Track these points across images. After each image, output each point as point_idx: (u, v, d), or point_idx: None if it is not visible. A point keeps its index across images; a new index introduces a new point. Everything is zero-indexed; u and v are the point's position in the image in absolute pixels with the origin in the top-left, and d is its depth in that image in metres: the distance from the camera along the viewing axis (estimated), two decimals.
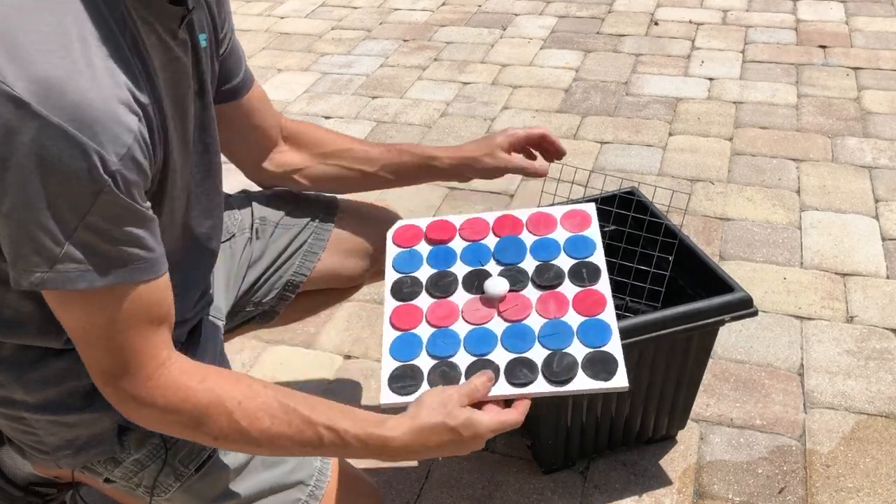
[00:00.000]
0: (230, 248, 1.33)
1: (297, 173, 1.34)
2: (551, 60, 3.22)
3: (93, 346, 0.87)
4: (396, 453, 0.98)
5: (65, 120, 0.74)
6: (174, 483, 1.06)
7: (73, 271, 0.80)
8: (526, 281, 1.19)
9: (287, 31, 3.61)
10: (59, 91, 0.75)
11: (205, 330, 1.17)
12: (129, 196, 0.80)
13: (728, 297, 1.31)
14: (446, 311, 1.17)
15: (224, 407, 0.91)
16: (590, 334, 1.12)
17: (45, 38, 0.76)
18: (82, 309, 0.84)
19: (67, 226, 0.78)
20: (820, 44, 3.25)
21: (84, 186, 0.77)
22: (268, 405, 0.93)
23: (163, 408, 0.90)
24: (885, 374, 1.71)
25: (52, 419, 1.00)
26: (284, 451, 0.97)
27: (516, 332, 1.13)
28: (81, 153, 0.75)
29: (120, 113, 0.78)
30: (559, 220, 1.27)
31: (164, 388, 0.90)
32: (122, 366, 0.88)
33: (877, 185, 2.35)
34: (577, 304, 1.16)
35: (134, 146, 0.79)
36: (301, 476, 1.11)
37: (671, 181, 2.40)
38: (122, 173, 0.78)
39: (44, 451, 1.04)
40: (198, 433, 0.93)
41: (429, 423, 0.97)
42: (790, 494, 1.46)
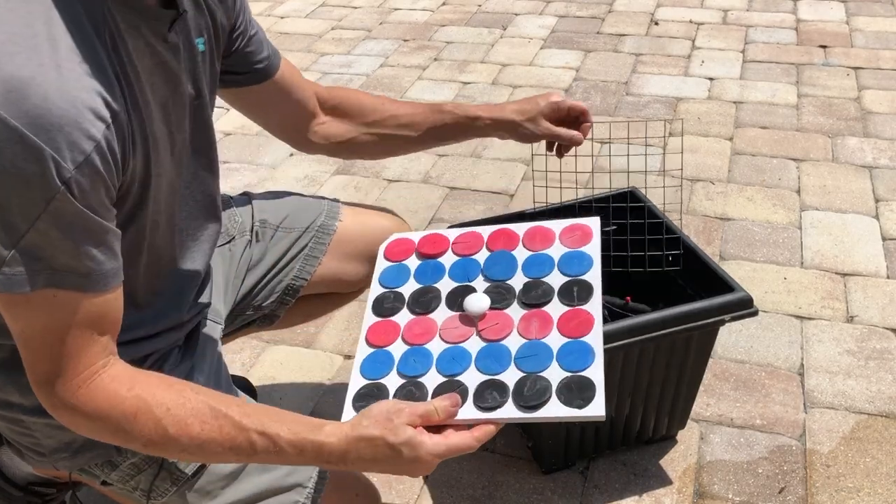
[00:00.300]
0: (230, 251, 1.33)
1: (344, 145, 1.34)
2: (551, 60, 3.22)
3: (31, 349, 0.86)
4: (332, 460, 0.93)
5: (22, 123, 0.73)
6: (170, 487, 1.06)
7: (19, 275, 0.79)
8: (511, 299, 1.14)
9: (287, 31, 3.61)
10: (20, 93, 0.73)
11: (203, 333, 1.16)
12: (84, 205, 0.78)
13: (728, 297, 1.31)
14: (423, 329, 1.13)
15: (152, 413, 0.88)
16: (570, 358, 1.04)
17: (11, 39, 0.75)
18: (24, 312, 0.83)
19: (17, 230, 0.77)
20: (820, 44, 3.25)
21: (35, 191, 0.75)
22: (198, 410, 0.90)
23: (90, 415, 0.88)
24: (885, 374, 1.71)
25: (49, 422, 0.99)
26: (216, 457, 0.93)
27: (492, 352, 1.07)
28: (35, 158, 0.74)
29: (82, 119, 0.76)
30: (558, 234, 1.22)
31: (92, 395, 0.87)
32: (56, 371, 0.86)
33: (877, 185, 2.34)
34: (561, 324, 1.09)
35: (94, 154, 0.77)
36: (299, 479, 1.11)
37: (671, 181, 2.40)
38: (77, 181, 0.76)
39: (41, 454, 1.04)
40: (126, 440, 0.91)
41: (367, 434, 0.91)
42: (790, 494, 1.46)
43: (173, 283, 1.07)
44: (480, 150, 2.62)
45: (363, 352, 1.12)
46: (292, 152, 2.62)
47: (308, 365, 1.80)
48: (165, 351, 1.07)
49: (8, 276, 0.79)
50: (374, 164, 2.56)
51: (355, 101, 1.35)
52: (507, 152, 2.59)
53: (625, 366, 1.35)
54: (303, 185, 2.46)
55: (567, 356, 1.04)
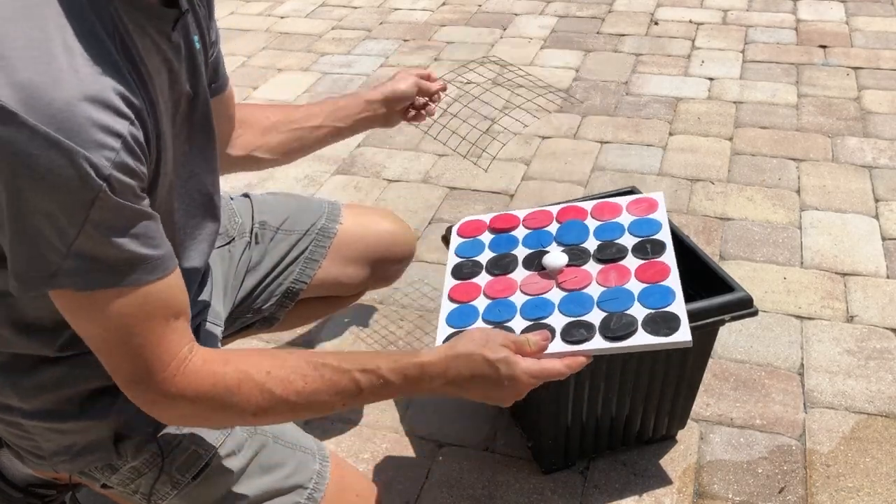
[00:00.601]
0: (229, 252, 1.32)
1: (256, 150, 1.34)
2: (551, 60, 3.22)
3: (113, 352, 0.86)
4: (435, 381, 0.96)
5: (52, 128, 0.73)
6: (171, 490, 1.06)
7: (80, 278, 0.80)
8: (587, 258, 1.22)
9: (287, 31, 3.61)
10: (45, 99, 0.74)
11: (203, 336, 1.16)
12: (125, 198, 0.79)
13: (728, 297, 1.31)
14: (504, 286, 1.20)
15: (254, 381, 0.91)
16: (652, 298, 1.12)
17: (28, 46, 0.75)
18: (96, 315, 0.83)
19: (67, 234, 0.78)
20: (820, 44, 3.25)
21: (78, 194, 0.76)
22: (297, 367, 0.93)
23: (194, 398, 0.89)
24: (885, 374, 1.71)
25: (48, 426, 1.00)
26: (324, 407, 0.95)
27: (574, 299, 1.14)
28: (70, 161, 0.74)
29: (107, 118, 0.77)
30: (625, 207, 1.31)
31: (190, 380, 0.89)
32: (146, 367, 0.87)
33: (877, 185, 2.35)
34: (639, 273, 1.17)
35: (123, 150, 0.78)
36: (299, 479, 1.11)
37: (671, 181, 2.40)
38: (115, 177, 0.77)
39: (40, 457, 1.04)
40: (234, 414, 0.92)
41: (465, 351, 0.96)
42: (790, 494, 1.46)
43: None
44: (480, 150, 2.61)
45: (447, 308, 1.19)
46: None
47: None
48: None
49: (68, 279, 0.80)
50: (375, 163, 2.56)
51: (254, 112, 1.36)
52: (507, 152, 2.59)
53: (625, 365, 1.35)
54: (303, 185, 2.46)
55: (648, 297, 1.12)
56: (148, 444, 1.02)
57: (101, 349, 0.87)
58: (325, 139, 1.40)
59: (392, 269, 1.49)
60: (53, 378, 0.97)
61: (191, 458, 1.05)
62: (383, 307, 1.95)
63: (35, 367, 0.97)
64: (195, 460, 1.05)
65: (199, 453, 1.05)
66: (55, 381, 0.97)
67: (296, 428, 1.17)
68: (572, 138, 2.66)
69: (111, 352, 0.86)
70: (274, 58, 3.36)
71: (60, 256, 0.78)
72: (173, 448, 1.03)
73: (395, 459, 1.56)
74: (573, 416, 1.40)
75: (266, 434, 1.12)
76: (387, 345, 1.84)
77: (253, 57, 3.37)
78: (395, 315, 1.93)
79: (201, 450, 1.05)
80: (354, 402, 0.97)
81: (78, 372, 0.98)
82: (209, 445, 1.05)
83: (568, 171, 2.47)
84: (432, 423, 1.63)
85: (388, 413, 1.66)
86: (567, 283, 1.17)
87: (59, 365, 0.97)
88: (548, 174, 2.47)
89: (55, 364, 0.97)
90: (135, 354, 0.86)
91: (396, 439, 1.60)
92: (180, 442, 1.04)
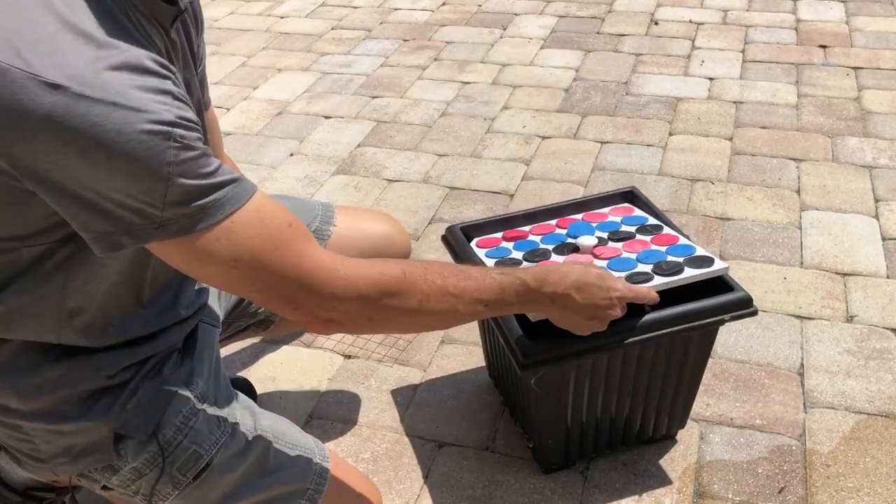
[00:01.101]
0: None
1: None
2: (551, 60, 3.22)
3: (257, 280, 0.87)
4: (559, 285, 1.10)
5: (110, 95, 0.75)
6: (172, 491, 1.05)
7: (185, 222, 0.81)
8: (605, 242, 1.42)
9: (287, 31, 3.61)
10: (91, 72, 0.76)
11: (200, 337, 1.16)
12: (194, 143, 0.81)
13: (728, 297, 1.31)
14: (546, 263, 1.38)
15: (417, 270, 0.97)
16: (677, 251, 1.36)
17: (64, 29, 0.77)
18: (228, 249, 0.85)
19: (156, 189, 0.79)
20: (820, 43, 3.25)
21: (154, 147, 0.77)
22: (447, 266, 1.03)
23: (365, 290, 0.92)
24: (885, 374, 1.71)
25: (48, 427, 0.99)
26: (476, 304, 1.02)
27: (617, 262, 1.34)
28: (136, 119, 0.76)
29: (153, 81, 0.79)
30: (608, 212, 1.53)
31: (357, 272, 0.92)
32: (300, 275, 0.89)
33: (877, 185, 2.34)
34: (655, 242, 1.40)
35: (176, 104, 0.81)
36: (300, 480, 1.11)
37: (671, 181, 2.40)
38: (178, 123, 0.79)
39: (39, 459, 1.03)
40: (404, 299, 0.95)
41: (569, 262, 1.18)
42: (790, 494, 1.46)
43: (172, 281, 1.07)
44: (480, 150, 2.62)
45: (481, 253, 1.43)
46: (292, 151, 2.63)
47: (308, 365, 1.80)
48: (164, 354, 1.06)
49: (176, 226, 0.81)
50: (375, 163, 2.56)
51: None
52: (507, 152, 2.59)
53: (625, 365, 1.35)
54: (303, 184, 2.46)
55: (675, 251, 1.37)
56: (148, 445, 1.02)
57: (244, 283, 0.88)
58: None
59: None
60: (53, 378, 0.97)
61: (192, 458, 1.05)
62: None
63: (34, 368, 0.96)
64: (196, 460, 1.05)
65: (199, 453, 1.05)
66: (54, 381, 0.97)
67: (296, 429, 1.17)
68: (572, 138, 2.66)
69: (255, 280, 0.87)
70: (274, 58, 3.36)
71: (159, 210, 0.80)
72: (174, 448, 1.03)
73: (395, 459, 1.56)
74: (573, 416, 1.40)
75: (267, 435, 1.12)
76: (383, 342, 1.84)
77: (253, 57, 3.37)
78: None
79: (202, 450, 1.05)
80: (496, 302, 1.05)
81: (77, 373, 0.98)
82: (210, 445, 1.05)
83: (568, 171, 2.47)
84: (432, 423, 1.63)
85: (388, 413, 1.66)
86: (604, 255, 1.36)
87: (59, 365, 0.97)
88: (548, 174, 2.47)
89: (56, 364, 0.97)
90: (283, 268, 0.87)
91: (396, 439, 1.60)
92: (181, 442, 1.04)
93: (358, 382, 1.75)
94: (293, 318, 0.92)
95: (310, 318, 0.93)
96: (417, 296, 0.96)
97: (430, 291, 0.97)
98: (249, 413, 1.13)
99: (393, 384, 1.74)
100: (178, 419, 1.04)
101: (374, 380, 1.75)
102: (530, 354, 1.23)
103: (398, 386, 1.73)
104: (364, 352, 1.83)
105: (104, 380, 0.99)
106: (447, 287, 0.99)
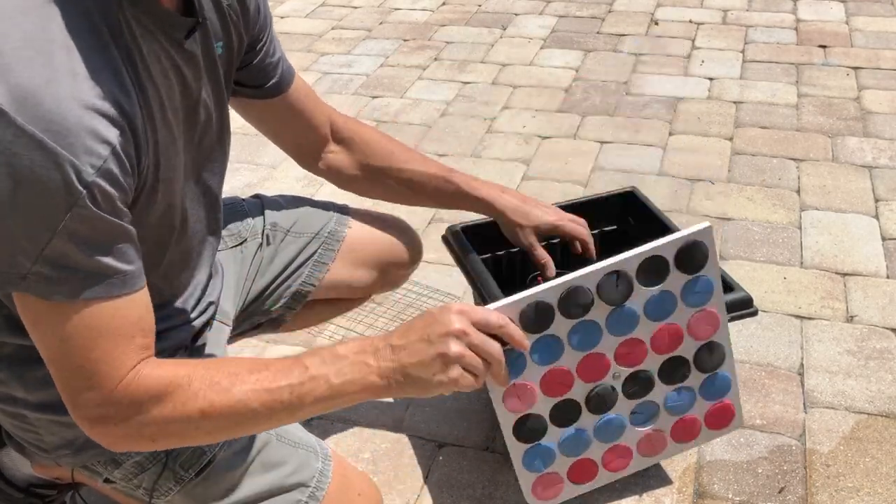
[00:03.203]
0: (241, 254, 1.33)
1: (346, 181, 1.36)
2: (551, 60, 3.22)
3: (65, 364, 0.83)
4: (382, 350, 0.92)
5: (40, 129, 0.72)
6: (174, 486, 1.06)
7: (45, 284, 0.78)
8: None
9: (287, 31, 3.61)
10: (35, 99, 0.72)
11: (210, 335, 1.16)
12: (105, 210, 0.77)
13: (728, 297, 1.31)
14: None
15: (203, 378, 0.87)
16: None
17: (26, 45, 0.74)
18: (55, 325, 0.81)
19: (40, 238, 0.76)
20: (820, 43, 3.25)
21: (57, 198, 0.74)
22: (244, 362, 0.92)
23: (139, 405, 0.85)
24: (885, 374, 1.71)
25: (53, 419, 1.00)
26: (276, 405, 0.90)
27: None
28: (55, 164, 0.73)
29: (98, 124, 0.75)
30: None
31: (138, 384, 0.85)
32: (96, 382, 0.83)
33: (877, 185, 2.35)
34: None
35: (111, 159, 0.76)
36: (301, 478, 1.11)
37: (671, 181, 2.41)
38: (98, 185, 0.75)
39: (44, 450, 1.04)
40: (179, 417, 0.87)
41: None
42: (790, 494, 1.46)
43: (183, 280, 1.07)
44: (480, 150, 2.62)
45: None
46: None
47: None
48: (172, 351, 1.07)
49: (33, 285, 0.78)
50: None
51: (368, 141, 1.34)
52: (507, 152, 2.59)
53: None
54: (303, 185, 2.46)
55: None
56: None
57: (54, 359, 0.83)
58: (422, 203, 1.41)
59: (399, 273, 1.49)
60: None
61: (194, 454, 1.05)
62: (382, 307, 1.95)
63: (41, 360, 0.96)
64: (199, 457, 1.05)
65: (202, 450, 1.05)
66: None
67: (298, 427, 1.17)
68: (572, 138, 2.66)
69: (63, 364, 0.83)
70: None
71: (30, 261, 0.76)
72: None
73: (395, 459, 1.56)
74: None
75: (269, 432, 1.12)
76: None
77: None
78: (395, 315, 1.93)
79: (205, 446, 1.05)
80: (308, 391, 0.91)
81: None
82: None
83: (568, 171, 2.47)
84: (432, 423, 1.63)
85: (388, 413, 1.66)
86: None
87: None
88: (548, 174, 2.47)
89: None
90: (87, 367, 0.82)
91: (396, 439, 1.60)
92: None
93: None
94: (74, 417, 0.86)
95: (87, 424, 0.87)
96: (196, 407, 0.86)
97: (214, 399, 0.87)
98: None
99: None
100: None
101: None
102: None
103: None
104: None
105: None
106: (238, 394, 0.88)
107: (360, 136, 1.34)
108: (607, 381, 1.18)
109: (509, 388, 1.12)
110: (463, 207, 1.38)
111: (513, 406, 1.14)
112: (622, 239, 1.55)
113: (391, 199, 1.40)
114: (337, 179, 1.36)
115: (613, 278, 1.09)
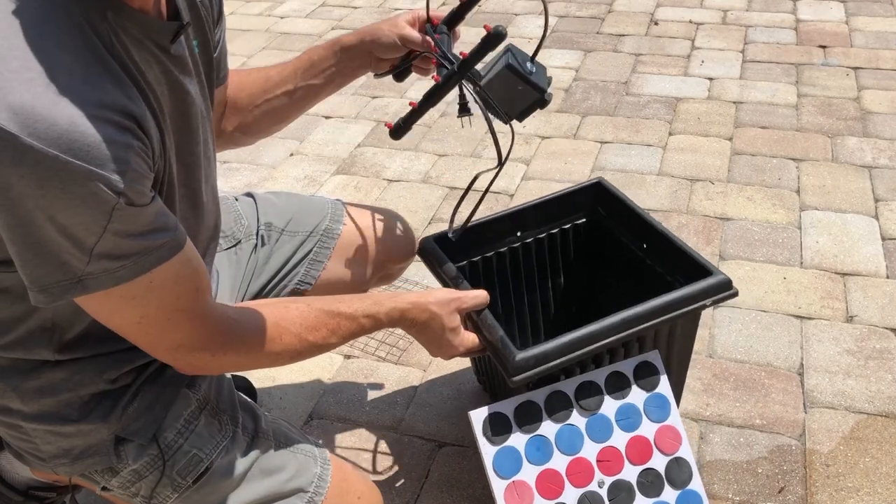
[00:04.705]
0: (236, 255, 1.33)
1: (237, 131, 1.32)
2: (551, 60, 3.22)
3: (151, 331, 0.91)
4: (406, 322, 1.17)
5: (61, 151, 0.73)
6: (172, 494, 1.05)
7: (107, 278, 0.82)
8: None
9: (287, 31, 3.61)
10: (47, 121, 0.72)
11: None
12: (140, 203, 0.81)
13: (707, 282, 1.30)
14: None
15: (285, 328, 1.03)
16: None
17: (24, 66, 0.74)
18: (131, 304, 0.86)
19: (86, 243, 0.79)
20: (820, 44, 3.25)
21: (95, 210, 0.77)
22: (319, 317, 1.08)
23: (239, 342, 0.98)
24: (885, 374, 1.71)
25: (49, 429, 0.99)
26: (337, 343, 1.11)
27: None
28: (85, 180, 0.74)
29: (113, 132, 0.77)
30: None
31: (230, 331, 0.97)
32: (187, 333, 0.93)
33: (877, 185, 2.35)
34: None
35: (133, 161, 0.79)
36: (300, 483, 1.11)
37: (671, 181, 2.40)
38: (129, 187, 0.78)
39: (41, 458, 1.04)
40: (270, 356, 1.03)
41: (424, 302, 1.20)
42: (790, 494, 1.46)
43: None
44: (480, 150, 2.62)
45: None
46: (292, 152, 2.63)
47: (308, 364, 1.80)
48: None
49: (97, 281, 0.82)
50: (375, 163, 2.56)
51: (241, 82, 1.32)
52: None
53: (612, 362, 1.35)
54: (303, 184, 2.46)
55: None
56: (149, 448, 1.02)
57: (138, 332, 0.91)
58: (305, 102, 1.35)
59: (395, 267, 1.49)
60: (54, 382, 0.97)
61: (192, 461, 1.04)
62: None
63: (36, 370, 0.96)
64: (196, 464, 1.05)
65: (200, 457, 1.04)
66: (56, 384, 0.97)
67: (297, 432, 1.17)
68: (572, 138, 2.66)
69: (148, 331, 0.91)
70: (274, 58, 3.36)
71: (83, 263, 0.80)
72: (174, 452, 1.03)
73: (395, 459, 1.56)
74: None
75: (268, 438, 1.12)
76: (384, 340, 1.84)
77: (253, 57, 3.37)
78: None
79: (202, 454, 1.05)
80: (355, 337, 1.13)
81: (79, 376, 0.98)
82: (210, 449, 1.05)
83: (568, 171, 2.47)
84: (432, 423, 1.63)
85: (388, 413, 1.66)
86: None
87: (60, 368, 0.97)
88: (548, 174, 2.47)
89: (57, 367, 0.97)
90: (176, 324, 0.91)
91: (396, 439, 1.60)
92: (181, 446, 1.04)
93: (358, 382, 1.75)
94: (174, 364, 0.98)
95: (188, 369, 1.00)
96: (288, 351, 1.05)
97: (297, 346, 1.06)
98: (251, 416, 1.13)
99: (393, 384, 1.74)
100: (180, 423, 1.04)
101: (374, 380, 1.75)
102: (518, 367, 1.22)
103: (398, 386, 1.73)
104: (364, 352, 1.83)
105: (106, 384, 0.99)
106: (314, 341, 1.07)
107: (236, 85, 1.31)
108: (594, 489, 1.23)
109: (509, 485, 1.20)
110: (341, 65, 1.31)
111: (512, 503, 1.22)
112: (595, 231, 1.55)
113: (284, 114, 1.35)
114: (233, 140, 1.34)
115: (587, 386, 1.27)
